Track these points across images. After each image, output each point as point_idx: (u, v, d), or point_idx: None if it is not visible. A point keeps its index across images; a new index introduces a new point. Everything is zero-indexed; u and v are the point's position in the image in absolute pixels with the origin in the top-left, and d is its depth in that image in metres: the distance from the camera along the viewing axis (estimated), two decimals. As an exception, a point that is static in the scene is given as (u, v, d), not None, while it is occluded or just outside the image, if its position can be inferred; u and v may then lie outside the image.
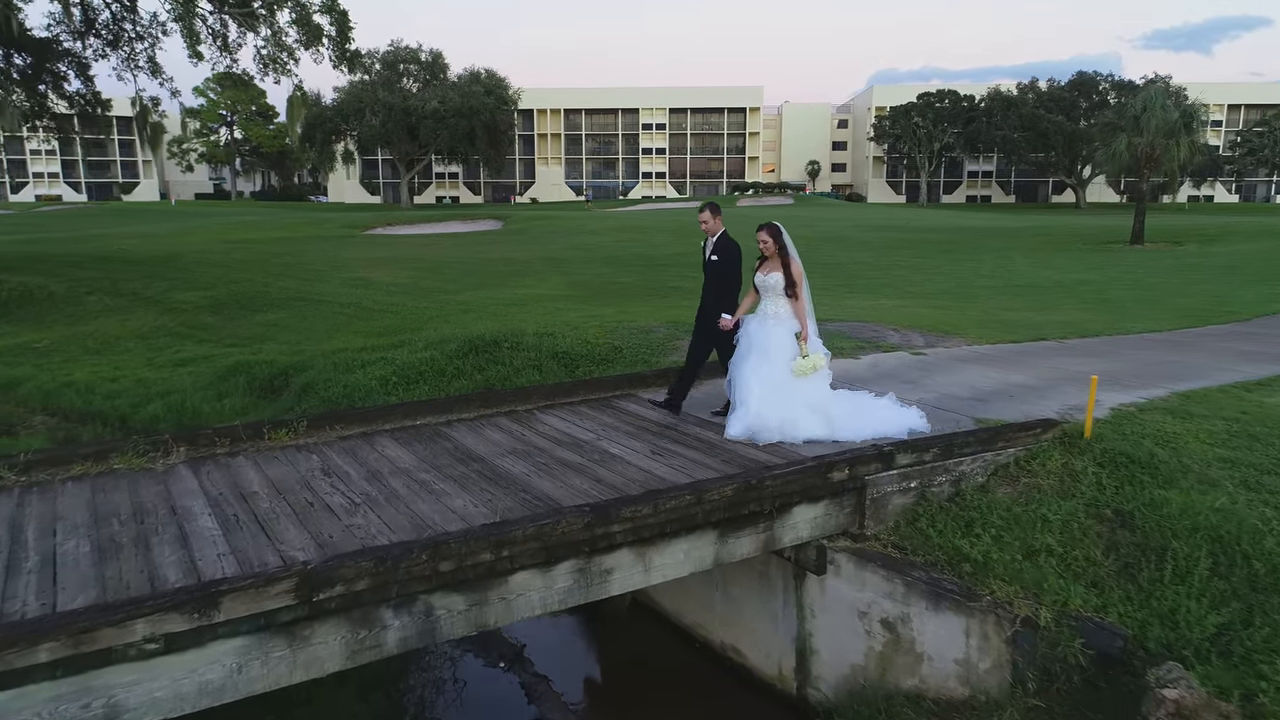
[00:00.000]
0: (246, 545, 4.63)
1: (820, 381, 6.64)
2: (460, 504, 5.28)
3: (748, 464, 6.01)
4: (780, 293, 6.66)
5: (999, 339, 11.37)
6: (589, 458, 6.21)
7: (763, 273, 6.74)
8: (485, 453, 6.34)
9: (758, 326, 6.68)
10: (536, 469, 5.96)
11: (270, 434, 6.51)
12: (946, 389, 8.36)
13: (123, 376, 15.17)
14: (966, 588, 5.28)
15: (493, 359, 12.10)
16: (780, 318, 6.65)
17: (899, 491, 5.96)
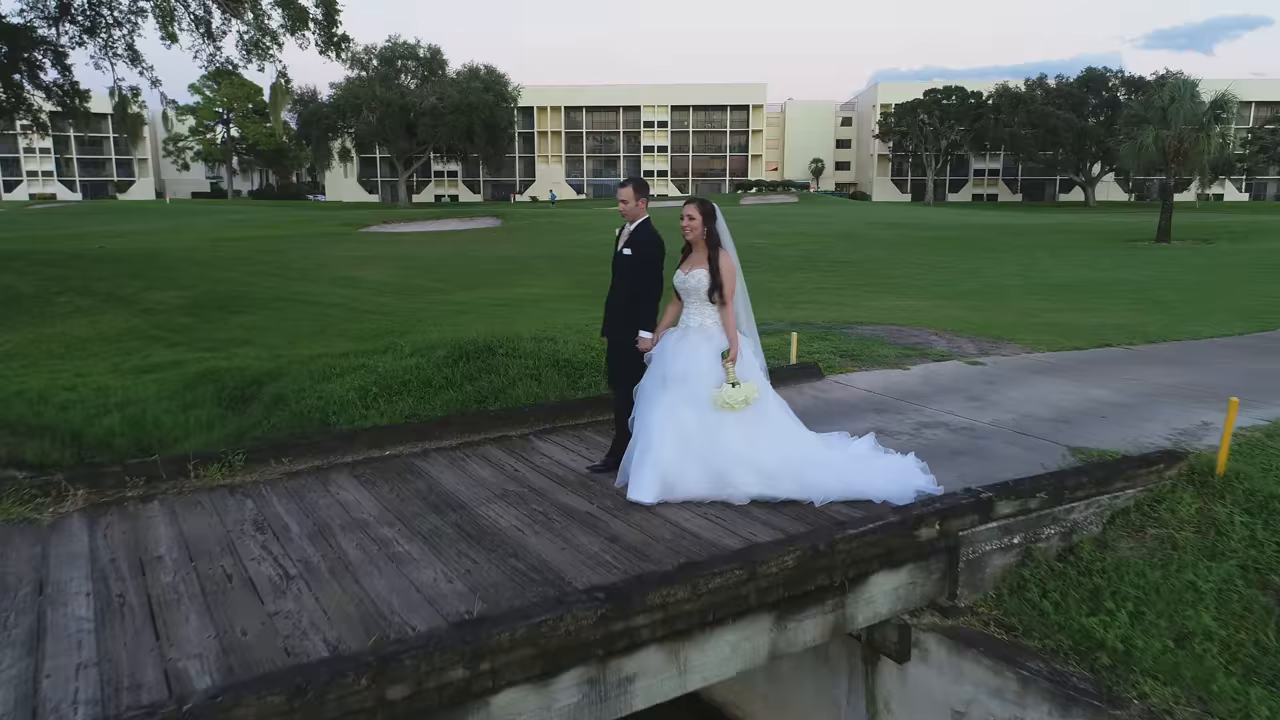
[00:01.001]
0: (122, 649, 3.29)
1: (759, 420, 4.92)
2: (428, 576, 3.93)
3: (802, 515, 4.67)
4: (704, 297, 4.95)
5: (1059, 345, 10.03)
6: (600, 504, 4.87)
7: (684, 269, 5.07)
8: (467, 496, 5.00)
9: (675, 345, 4.99)
10: (532, 520, 4.61)
11: (198, 471, 5.16)
12: (1022, 407, 7.02)
13: (82, 384, 13.86)
14: (1105, 688, 3.94)
15: (485, 367, 10.75)
16: (706, 332, 4.97)
17: (999, 550, 4.62)
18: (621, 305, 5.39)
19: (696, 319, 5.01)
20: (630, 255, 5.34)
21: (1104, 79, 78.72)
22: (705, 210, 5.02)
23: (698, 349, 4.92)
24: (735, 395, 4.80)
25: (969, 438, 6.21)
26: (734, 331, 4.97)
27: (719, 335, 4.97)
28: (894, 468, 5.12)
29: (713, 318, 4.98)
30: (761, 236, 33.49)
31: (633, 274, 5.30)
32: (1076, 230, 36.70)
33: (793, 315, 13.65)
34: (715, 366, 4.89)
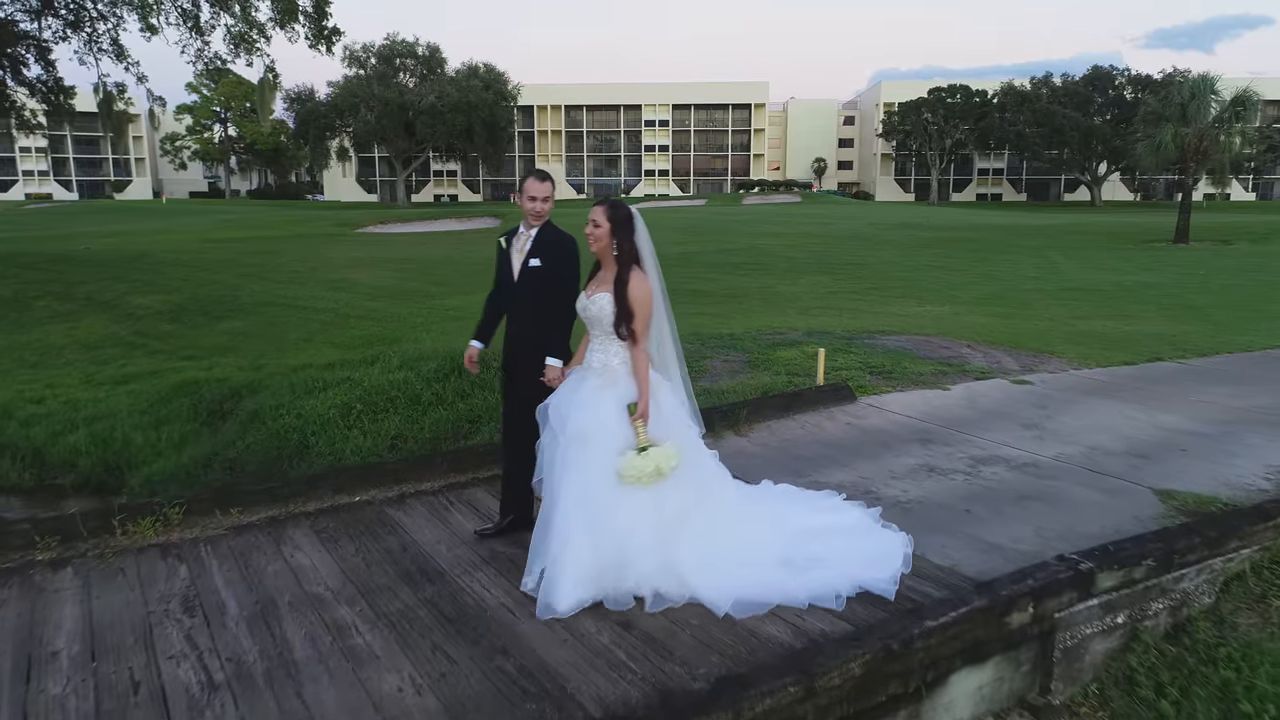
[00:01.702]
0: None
1: (679, 494, 3.68)
2: (391, 684, 3.07)
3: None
4: (608, 329, 3.77)
5: (1105, 359, 9.16)
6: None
7: (589, 291, 3.90)
8: (448, 560, 4.13)
9: (571, 391, 3.84)
10: (525, 598, 3.75)
11: (126, 526, 4.30)
12: (1087, 437, 6.15)
13: (51, 396, 13.00)
14: (1256, 824, 3.08)
15: (478, 383, 9.89)
16: (611, 376, 3.76)
17: (1100, 632, 3.76)
18: (530, 332, 4.24)
19: (599, 357, 3.82)
20: (540, 266, 4.25)
21: (1110, 77, 77.83)
22: (615, 216, 3.82)
23: (598, 399, 3.71)
24: (642, 465, 3.56)
25: (1034, 477, 5.35)
26: (644, 379, 3.71)
27: (626, 381, 3.74)
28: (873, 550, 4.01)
29: (620, 357, 3.78)
30: (767, 237, 32.65)
31: (546, 289, 4.21)
32: (1088, 231, 35.83)
33: (808, 323, 12.78)
34: (621, 423, 3.67)
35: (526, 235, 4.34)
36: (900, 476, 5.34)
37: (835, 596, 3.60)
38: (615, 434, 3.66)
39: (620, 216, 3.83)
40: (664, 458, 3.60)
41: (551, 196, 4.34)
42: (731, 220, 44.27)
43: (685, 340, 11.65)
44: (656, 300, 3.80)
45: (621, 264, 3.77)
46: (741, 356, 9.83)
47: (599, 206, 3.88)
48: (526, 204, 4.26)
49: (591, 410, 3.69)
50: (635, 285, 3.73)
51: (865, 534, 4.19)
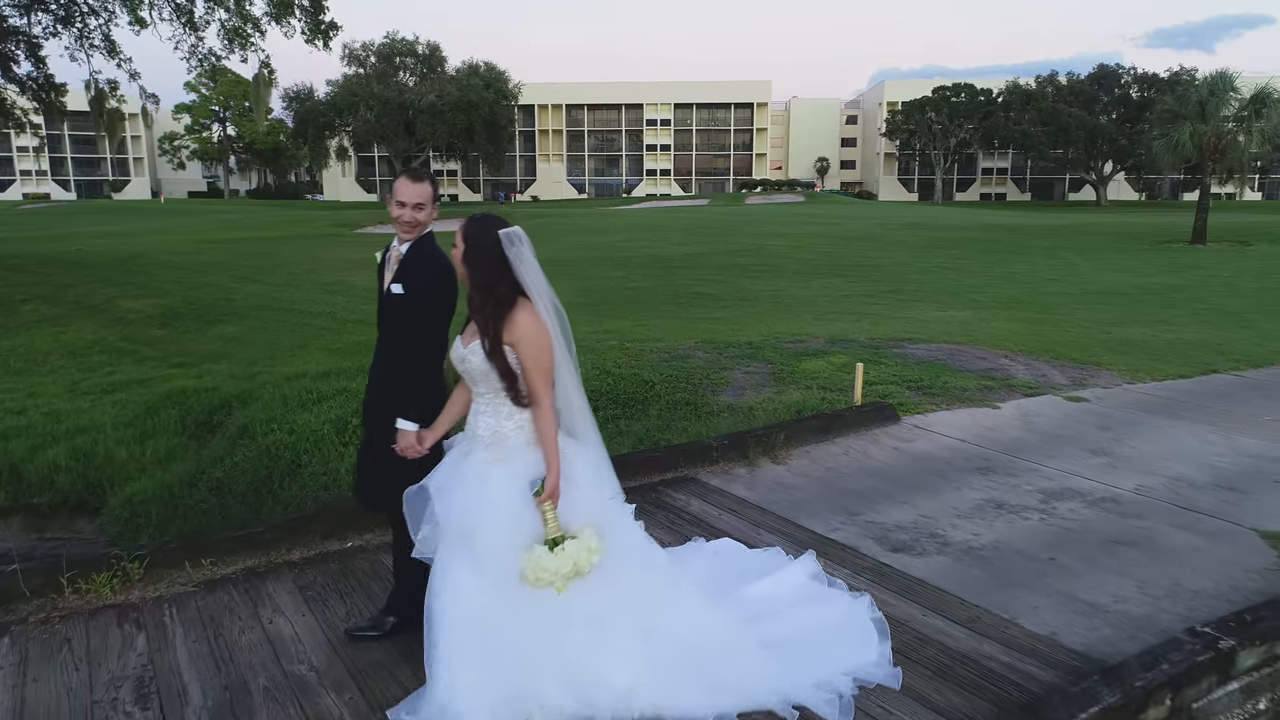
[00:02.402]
0: None
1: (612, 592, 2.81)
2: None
3: (948, 666, 3.18)
4: (497, 387, 2.82)
5: (1157, 372, 8.53)
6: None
7: (466, 336, 2.89)
8: (455, 627, 3.50)
9: (452, 471, 2.91)
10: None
11: (78, 584, 3.67)
12: (1164, 465, 5.52)
13: (32, 407, 12.33)
14: None
15: (484, 395, 9.27)
16: (504, 448, 2.83)
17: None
18: (390, 376, 3.28)
19: (487, 422, 2.86)
20: (403, 295, 3.21)
21: (1116, 76, 77.18)
22: (472, 234, 2.81)
23: (486, 478, 2.79)
24: (556, 564, 2.67)
25: (1118, 515, 4.72)
26: (552, 448, 2.78)
27: (525, 453, 2.81)
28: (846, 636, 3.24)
29: (515, 420, 2.83)
30: (774, 238, 32.04)
31: (408, 324, 3.19)
32: (1100, 231, 35.19)
33: (827, 330, 12.15)
34: (521, 509, 2.75)
35: (397, 251, 3.29)
36: (966, 515, 4.71)
37: (839, 699, 2.87)
38: (512, 525, 2.74)
39: (482, 241, 2.79)
40: (583, 552, 2.70)
41: (430, 203, 3.25)
42: (736, 220, 43.64)
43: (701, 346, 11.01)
44: (557, 340, 2.85)
45: (487, 302, 2.78)
46: (764, 368, 9.20)
47: (467, 225, 2.87)
48: (394, 211, 3.21)
49: (478, 495, 2.78)
50: (523, 324, 2.77)
51: (822, 600, 3.48)
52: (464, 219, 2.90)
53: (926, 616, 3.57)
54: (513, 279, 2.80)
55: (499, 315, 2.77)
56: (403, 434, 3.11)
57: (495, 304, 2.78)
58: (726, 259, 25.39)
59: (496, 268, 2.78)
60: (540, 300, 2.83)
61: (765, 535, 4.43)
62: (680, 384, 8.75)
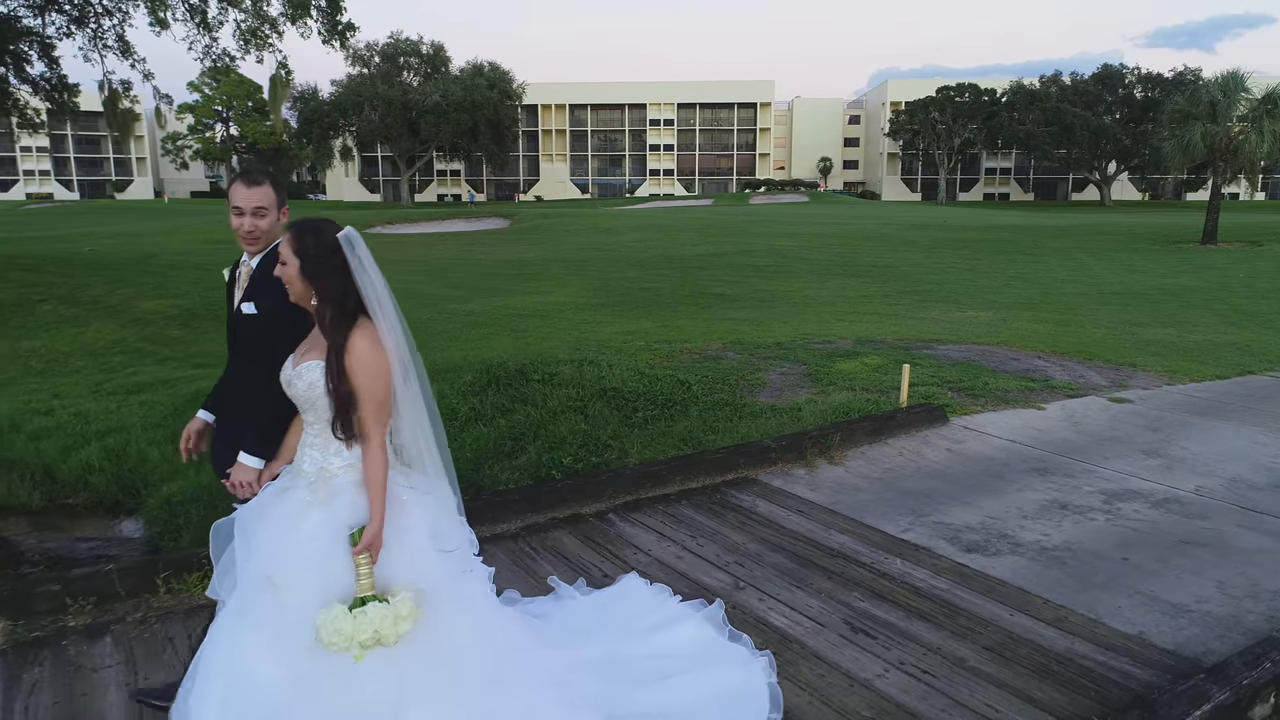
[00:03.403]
0: None
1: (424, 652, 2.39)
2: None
3: (1045, 664, 3.21)
4: (326, 416, 2.46)
5: (1195, 373, 8.57)
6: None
7: (297, 357, 2.54)
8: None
9: (262, 510, 2.54)
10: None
11: (171, 584, 3.71)
12: (1221, 467, 5.56)
13: (60, 408, 12.36)
14: None
15: (519, 396, 9.27)
16: (330, 488, 2.46)
17: (1336, 720, 3.16)
18: (241, 405, 2.92)
19: (314, 457, 2.50)
20: (255, 315, 2.86)
21: (1120, 76, 77.20)
22: (304, 247, 2.46)
23: (301, 522, 2.42)
24: (353, 628, 2.27)
25: (1183, 516, 4.75)
26: (378, 493, 2.40)
27: (352, 497, 2.44)
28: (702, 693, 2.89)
29: (344, 457, 2.47)
30: (784, 238, 32.07)
31: (261, 347, 2.77)
32: (1109, 231, 35.21)
33: (853, 330, 12.19)
34: (334, 561, 2.36)
35: (247, 266, 2.95)
36: (1032, 516, 4.74)
37: None
38: (323, 577, 2.35)
39: (318, 249, 2.44)
40: (389, 619, 2.29)
41: (274, 208, 2.88)
42: (743, 220, 43.65)
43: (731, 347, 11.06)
44: (394, 367, 2.47)
45: (339, 322, 2.43)
46: (798, 369, 9.24)
47: (287, 233, 2.53)
48: (234, 221, 2.88)
49: (290, 540, 2.40)
50: (358, 353, 2.41)
51: (716, 662, 3.08)
52: (291, 227, 2.53)
53: (1014, 616, 3.61)
54: (356, 294, 2.45)
55: (341, 336, 2.42)
56: (242, 469, 2.74)
57: (340, 323, 2.42)
58: (739, 259, 25.42)
59: (343, 279, 2.44)
60: (383, 316, 2.47)
61: (836, 536, 4.47)
62: (717, 385, 8.78)
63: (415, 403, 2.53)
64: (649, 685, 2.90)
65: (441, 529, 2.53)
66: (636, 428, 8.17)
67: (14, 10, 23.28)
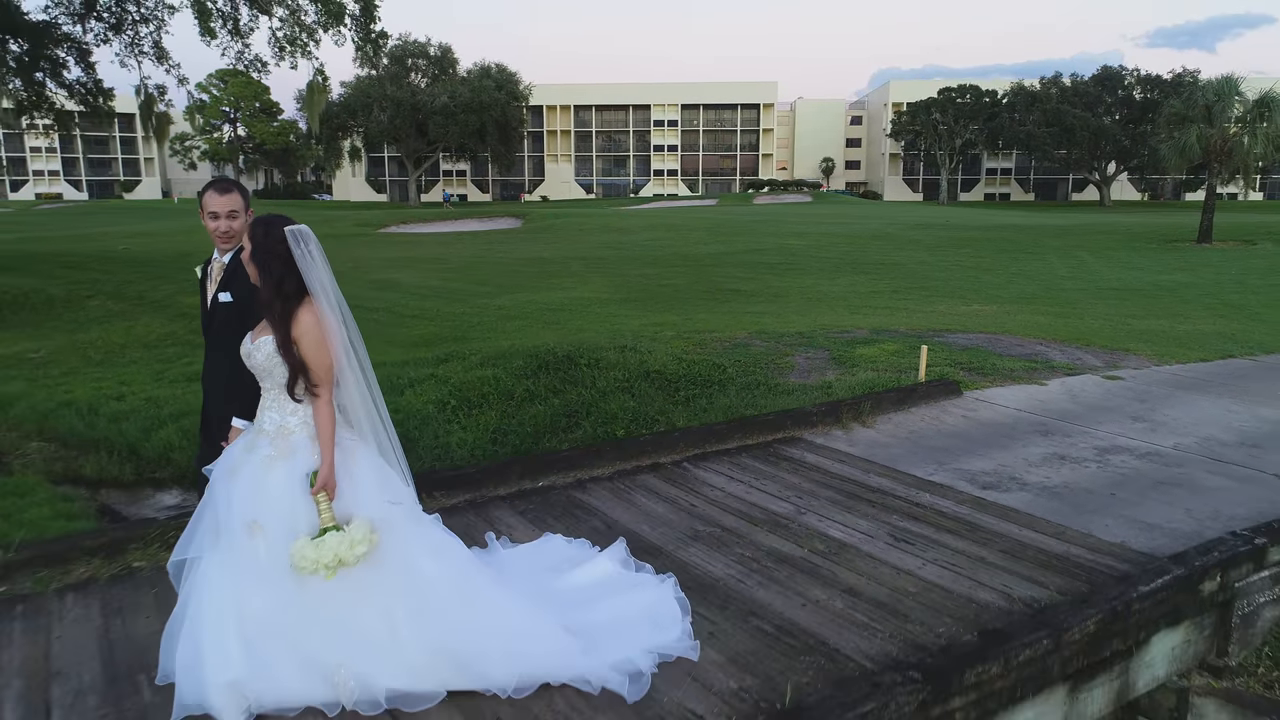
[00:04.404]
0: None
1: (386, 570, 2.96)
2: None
3: (1049, 561, 4.16)
4: (281, 383, 3.01)
5: (1182, 356, 9.52)
6: (808, 546, 4.36)
7: (254, 334, 3.09)
8: (656, 537, 4.49)
9: (234, 463, 3.05)
10: (745, 569, 4.10)
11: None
12: (1196, 429, 6.51)
13: (130, 394, 13.31)
14: None
15: (569, 379, 10.24)
16: (288, 442, 3.00)
17: (1271, 602, 4.12)
18: (224, 386, 3.46)
19: (273, 417, 3.03)
20: (231, 302, 3.45)
21: (1119, 77, 78.13)
22: (261, 234, 3.01)
23: (270, 475, 2.95)
24: (317, 553, 2.80)
25: (1161, 466, 5.70)
26: (328, 442, 2.95)
27: (308, 449, 2.97)
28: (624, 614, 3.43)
29: (299, 416, 3.01)
30: (792, 237, 33.00)
31: (236, 329, 3.26)
32: (1108, 231, 36.13)
33: (868, 322, 13.13)
34: (300, 501, 2.93)
35: (219, 263, 3.54)
36: (1036, 465, 5.69)
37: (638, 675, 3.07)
38: (291, 517, 2.90)
39: (267, 241, 2.98)
40: (347, 543, 2.83)
41: (243, 211, 3.47)
42: (750, 220, 44.58)
43: (755, 336, 11.97)
44: (335, 341, 2.99)
45: (281, 297, 2.96)
46: (822, 354, 10.18)
47: (253, 224, 3.10)
48: (209, 224, 3.43)
49: (263, 490, 2.94)
50: (303, 325, 2.94)
51: (631, 588, 3.69)
52: (252, 221, 3.10)
53: (1022, 531, 4.56)
54: (298, 277, 2.95)
55: (287, 312, 2.93)
56: (235, 431, 3.30)
57: (283, 300, 2.93)
58: (751, 257, 26.36)
59: (283, 266, 2.94)
60: (324, 298, 2.96)
61: (874, 478, 5.42)
62: (749, 368, 9.74)
63: (356, 371, 3.07)
64: (582, 607, 3.43)
65: (385, 475, 3.10)
66: (680, 404, 9.14)
67: (55, 18, 24.24)
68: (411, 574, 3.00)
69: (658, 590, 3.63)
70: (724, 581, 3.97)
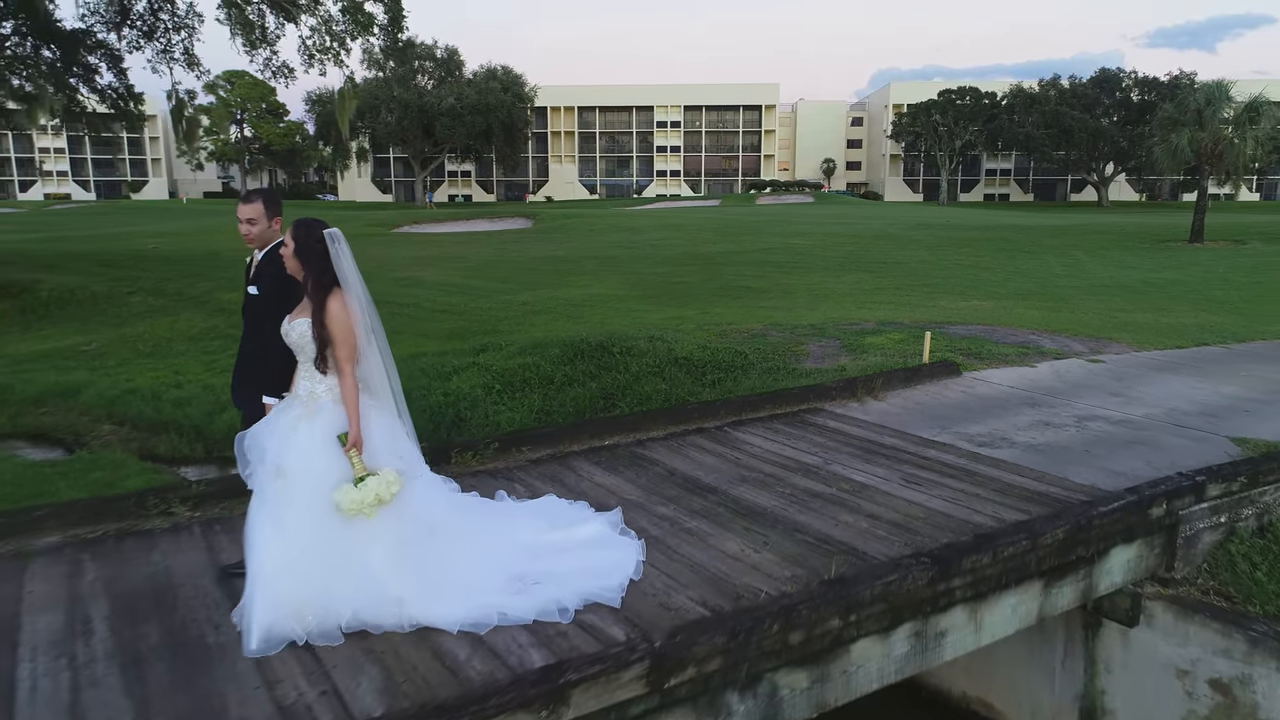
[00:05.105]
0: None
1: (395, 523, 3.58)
2: (737, 548, 4.43)
3: (1031, 496, 5.17)
4: (311, 358, 3.65)
5: (1160, 344, 10.52)
6: (836, 486, 5.36)
7: (291, 316, 3.74)
8: (710, 480, 5.49)
9: (272, 422, 3.72)
10: (786, 501, 5.11)
11: (457, 457, 5.66)
12: (1165, 402, 7.52)
13: (186, 382, 14.31)
14: (1333, 647, 4.45)
15: (603, 365, 11.24)
16: (316, 405, 3.64)
17: (1209, 528, 5.12)
18: (253, 365, 4.16)
19: (306, 385, 3.69)
20: (258, 295, 4.11)
21: (1117, 79, 79.16)
22: (298, 237, 3.66)
23: (296, 430, 3.58)
24: (362, 495, 3.44)
25: (1131, 430, 6.70)
26: (353, 406, 3.59)
27: (331, 408, 3.61)
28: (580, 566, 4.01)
29: (325, 384, 3.65)
30: (797, 237, 33.98)
31: (265, 318, 3.94)
32: (1104, 231, 37.15)
33: (874, 315, 14.12)
34: (323, 454, 3.53)
35: (254, 256, 4.21)
36: (1024, 429, 6.70)
37: (560, 610, 3.61)
38: (319, 468, 3.51)
39: (306, 241, 3.64)
40: (384, 485, 3.47)
41: (261, 217, 4.11)
42: (755, 220, 45.58)
43: (770, 328, 12.98)
44: (359, 326, 3.65)
45: (318, 289, 3.62)
46: (834, 343, 11.18)
47: (290, 226, 3.75)
48: (241, 228, 4.13)
49: (290, 443, 3.55)
50: (333, 310, 3.59)
51: (601, 547, 4.26)
52: (293, 223, 3.74)
53: (1010, 477, 5.56)
54: (332, 271, 3.63)
55: (320, 300, 3.60)
56: (267, 407, 3.99)
57: (319, 292, 3.61)
58: (759, 256, 27.36)
59: (320, 262, 3.63)
60: (352, 290, 3.66)
61: (888, 438, 6.42)
62: (768, 355, 10.74)
63: (376, 353, 3.76)
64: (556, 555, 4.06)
65: (395, 436, 3.78)
66: (708, 387, 10.15)
67: (91, 26, 25.24)
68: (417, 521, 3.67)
69: (626, 550, 4.23)
70: (770, 510, 4.98)
